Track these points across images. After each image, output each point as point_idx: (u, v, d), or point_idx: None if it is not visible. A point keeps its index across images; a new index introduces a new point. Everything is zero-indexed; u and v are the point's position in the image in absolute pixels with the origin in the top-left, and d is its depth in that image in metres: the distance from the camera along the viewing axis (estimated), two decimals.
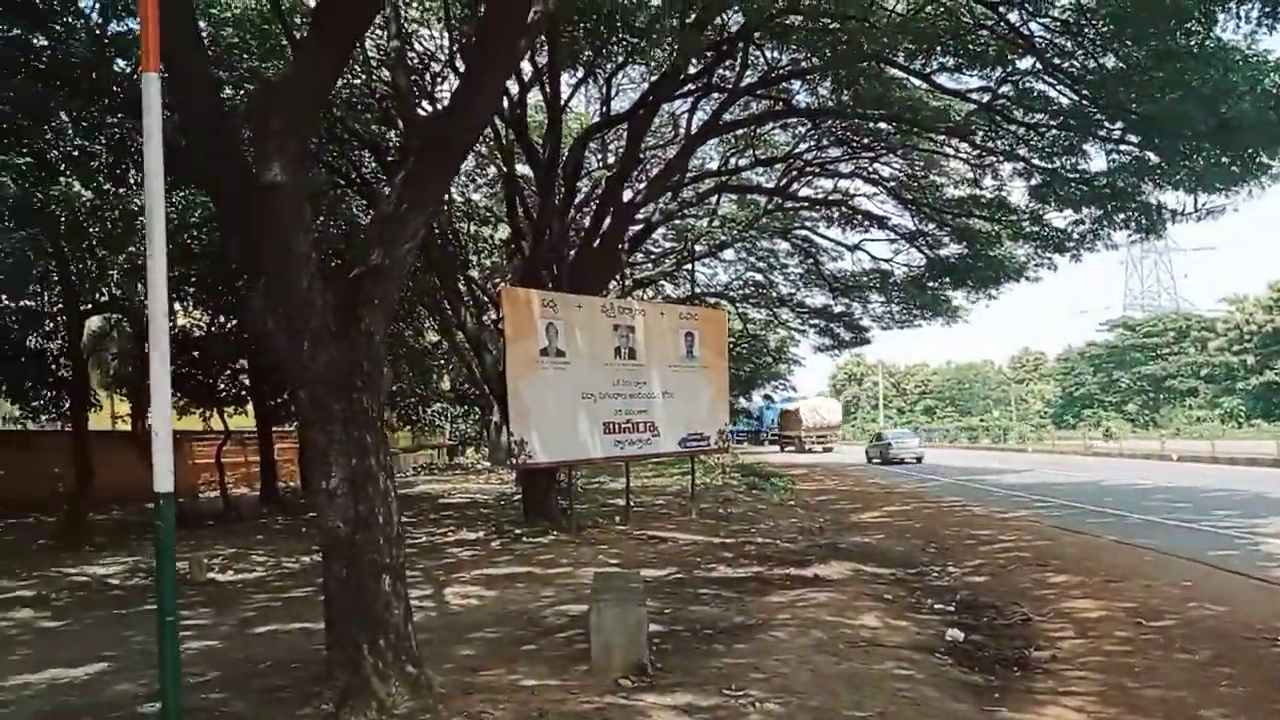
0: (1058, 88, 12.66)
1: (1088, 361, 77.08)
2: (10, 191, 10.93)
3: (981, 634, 7.22)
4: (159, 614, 3.10)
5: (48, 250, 11.63)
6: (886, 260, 23.99)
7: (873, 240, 23.62)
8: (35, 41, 12.41)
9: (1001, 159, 16.59)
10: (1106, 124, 12.80)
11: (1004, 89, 13.40)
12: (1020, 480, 23.72)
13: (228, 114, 5.99)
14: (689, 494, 16.92)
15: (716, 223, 24.34)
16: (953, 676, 5.97)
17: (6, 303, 15.72)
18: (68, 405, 16.69)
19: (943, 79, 13.65)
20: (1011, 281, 20.68)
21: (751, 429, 67.12)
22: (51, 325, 16.91)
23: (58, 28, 12.51)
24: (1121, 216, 14.97)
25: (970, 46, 11.87)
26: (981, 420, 76.55)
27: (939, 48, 11.86)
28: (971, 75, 13.34)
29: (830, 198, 21.89)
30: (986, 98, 13.80)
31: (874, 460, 38.14)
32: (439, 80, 16.64)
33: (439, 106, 15.48)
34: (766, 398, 60.23)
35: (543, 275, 15.44)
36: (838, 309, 28.44)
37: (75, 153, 12.62)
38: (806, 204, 22.55)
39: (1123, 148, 13.45)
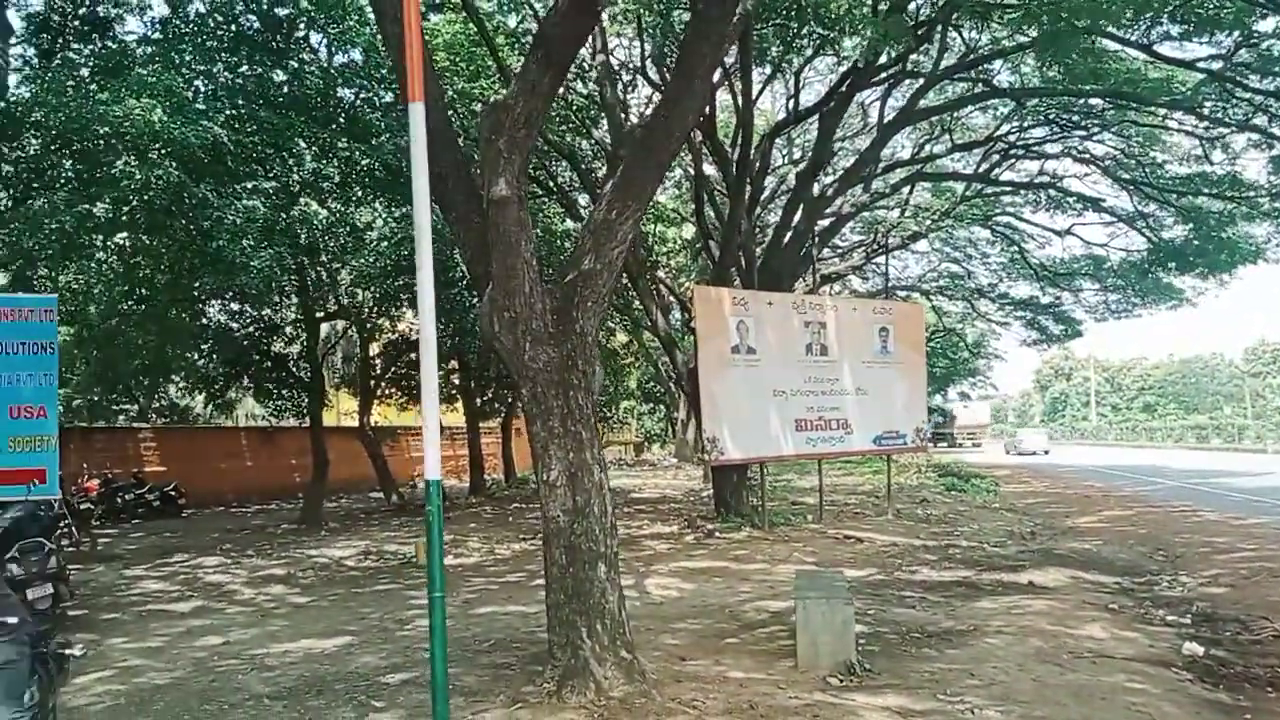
0: None
1: None
2: (260, 214, 12.25)
3: (1225, 649, 6.60)
4: (429, 589, 3.45)
5: (290, 266, 12.91)
6: (1101, 246, 22.36)
7: (1085, 224, 22.12)
8: (275, 77, 13.91)
9: (1234, 130, 15.09)
10: None
11: (1239, 54, 12.18)
12: (1260, 484, 21.31)
13: (456, 135, 6.48)
14: (883, 493, 16.47)
15: (909, 213, 23.49)
16: (1193, 693, 5.51)
17: (254, 314, 17.65)
18: (305, 403, 18.55)
19: (1165, 48, 12.57)
20: (1248, 264, 18.68)
21: None
22: (291, 332, 18.83)
23: (294, 64, 13.96)
24: None
25: (1200, 11, 10.84)
26: (1211, 418, 69.40)
27: (1163, 15, 10.90)
28: (1200, 42, 12.19)
29: (1036, 180, 20.65)
30: (1217, 65, 12.58)
31: (1010, 453, 47.61)
32: (629, 89, 17.10)
33: (631, 115, 15.93)
34: (963, 394, 57.99)
35: (731, 274, 15.54)
36: (1045, 300, 26.67)
37: (311, 176, 13.99)
38: (1010, 189, 21.37)
39: None
